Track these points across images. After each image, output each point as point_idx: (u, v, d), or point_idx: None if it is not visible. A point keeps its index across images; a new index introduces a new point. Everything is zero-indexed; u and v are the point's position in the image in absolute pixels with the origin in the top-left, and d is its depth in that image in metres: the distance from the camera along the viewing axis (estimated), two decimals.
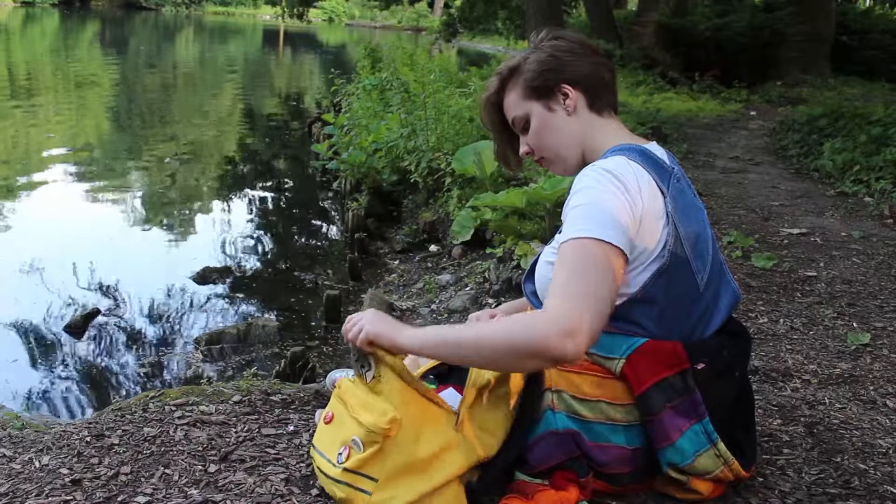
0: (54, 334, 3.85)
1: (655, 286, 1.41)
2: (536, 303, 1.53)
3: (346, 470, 1.37)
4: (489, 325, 1.39)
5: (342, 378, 1.67)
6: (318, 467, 1.48)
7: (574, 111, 1.55)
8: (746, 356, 1.61)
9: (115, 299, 4.37)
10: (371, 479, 1.36)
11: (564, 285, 1.29)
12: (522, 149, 1.62)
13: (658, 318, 1.41)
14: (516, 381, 1.51)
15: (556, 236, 1.52)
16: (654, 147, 1.53)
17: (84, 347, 3.77)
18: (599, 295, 1.29)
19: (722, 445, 1.45)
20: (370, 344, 1.41)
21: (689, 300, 1.45)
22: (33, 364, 3.58)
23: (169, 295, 4.48)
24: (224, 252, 5.48)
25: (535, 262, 1.58)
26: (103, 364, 3.63)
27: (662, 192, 1.42)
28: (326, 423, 1.50)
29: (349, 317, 1.50)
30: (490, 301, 3.46)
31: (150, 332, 4.01)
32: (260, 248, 5.76)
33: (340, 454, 1.40)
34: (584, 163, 1.55)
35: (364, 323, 1.43)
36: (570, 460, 1.46)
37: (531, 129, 1.57)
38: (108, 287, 4.54)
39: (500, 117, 1.65)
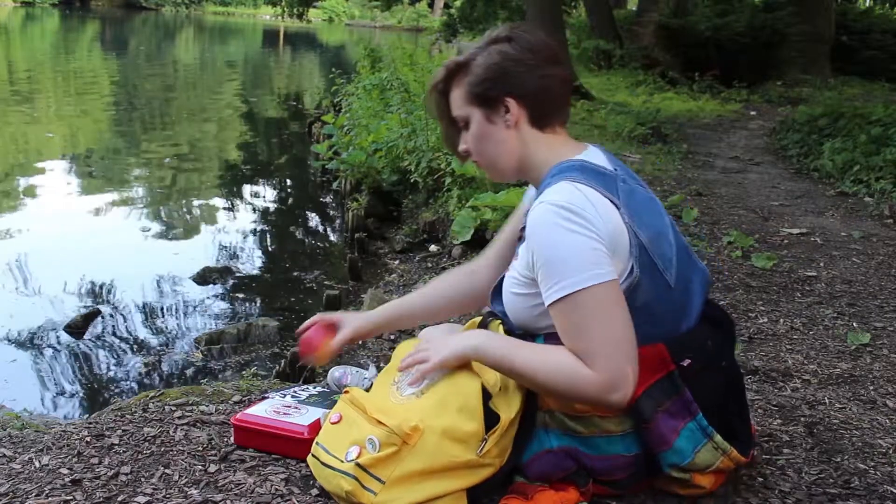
0: (54, 334, 3.85)
1: (629, 298, 1.39)
2: (511, 324, 1.53)
3: (357, 465, 1.38)
4: (550, 363, 1.38)
5: (352, 385, 1.67)
6: (321, 462, 1.47)
7: (514, 126, 1.50)
8: (731, 343, 1.60)
9: (116, 299, 4.37)
10: (379, 480, 1.37)
11: (594, 345, 1.34)
12: (461, 146, 1.58)
13: (636, 326, 1.40)
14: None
15: (514, 262, 1.52)
16: (594, 154, 1.50)
17: (84, 347, 3.76)
18: (624, 335, 1.35)
19: (718, 437, 1.45)
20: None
21: (662, 300, 1.44)
22: (33, 364, 3.58)
23: (169, 295, 4.47)
24: (224, 252, 5.48)
25: (501, 281, 1.57)
26: (103, 364, 3.63)
27: (615, 205, 1.39)
28: (333, 423, 1.51)
29: (419, 347, 1.53)
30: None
31: (150, 332, 4.01)
32: (260, 248, 5.77)
33: (350, 452, 1.41)
34: (519, 173, 1.54)
35: (432, 354, 1.49)
36: (567, 475, 1.46)
37: (470, 132, 1.54)
38: (108, 287, 4.53)
39: (447, 107, 1.58)
